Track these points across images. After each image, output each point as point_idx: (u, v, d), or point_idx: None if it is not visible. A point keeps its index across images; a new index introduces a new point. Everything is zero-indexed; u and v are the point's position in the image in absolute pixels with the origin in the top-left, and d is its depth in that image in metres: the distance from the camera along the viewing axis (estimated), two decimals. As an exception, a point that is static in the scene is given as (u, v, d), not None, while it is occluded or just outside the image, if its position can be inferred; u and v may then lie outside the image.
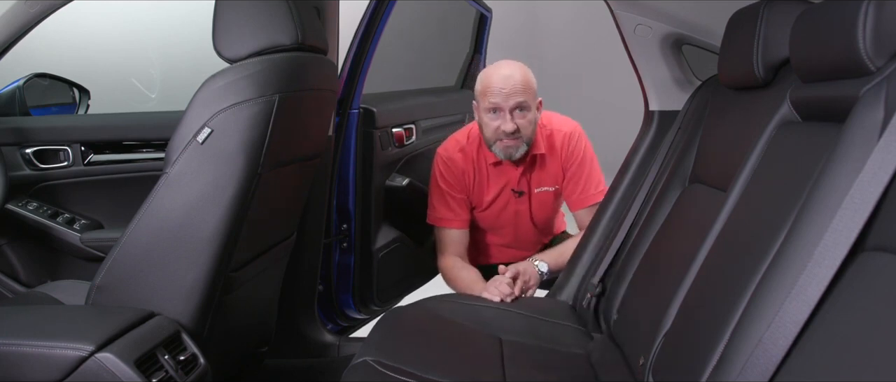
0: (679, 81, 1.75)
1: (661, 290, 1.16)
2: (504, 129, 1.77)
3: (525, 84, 1.77)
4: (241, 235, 1.27)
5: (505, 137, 1.79)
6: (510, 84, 1.75)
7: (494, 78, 1.77)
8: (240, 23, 1.26)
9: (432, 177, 1.98)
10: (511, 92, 1.75)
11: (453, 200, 1.94)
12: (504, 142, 1.80)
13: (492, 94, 1.76)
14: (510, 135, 1.78)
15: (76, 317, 1.23)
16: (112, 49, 3.46)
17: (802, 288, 0.68)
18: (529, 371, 1.30)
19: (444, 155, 1.96)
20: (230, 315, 1.39)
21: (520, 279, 1.75)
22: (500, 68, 1.80)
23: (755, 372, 0.70)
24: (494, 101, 1.76)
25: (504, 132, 1.78)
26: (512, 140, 1.80)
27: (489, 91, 1.77)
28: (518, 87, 1.75)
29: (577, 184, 1.94)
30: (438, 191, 1.96)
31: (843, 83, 0.83)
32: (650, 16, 1.66)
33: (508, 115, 1.76)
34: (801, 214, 0.77)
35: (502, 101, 1.75)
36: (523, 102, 1.77)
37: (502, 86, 1.75)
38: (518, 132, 1.79)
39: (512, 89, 1.75)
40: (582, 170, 1.93)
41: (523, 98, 1.76)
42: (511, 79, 1.76)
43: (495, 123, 1.79)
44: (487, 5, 2.58)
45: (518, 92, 1.75)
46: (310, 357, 1.93)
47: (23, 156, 1.74)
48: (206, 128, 1.19)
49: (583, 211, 1.94)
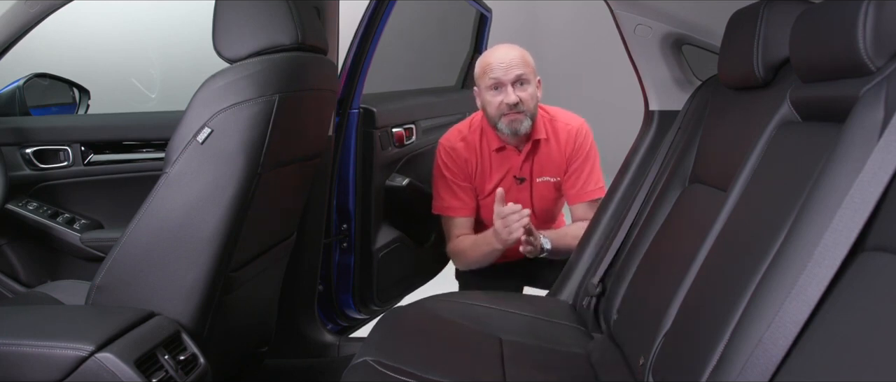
0: (679, 81, 1.75)
1: (661, 290, 1.16)
2: (507, 102, 1.81)
3: (523, 59, 1.84)
4: (241, 235, 1.27)
5: (509, 111, 1.83)
6: (508, 58, 1.82)
7: (493, 56, 1.84)
8: (240, 23, 1.26)
9: (435, 167, 2.01)
10: (510, 65, 1.81)
11: (459, 188, 1.97)
12: (508, 116, 1.84)
13: (492, 70, 1.82)
14: (514, 109, 1.82)
15: (76, 317, 1.23)
16: (112, 49, 3.46)
17: (802, 288, 0.68)
18: (529, 371, 1.30)
19: (446, 144, 1.99)
20: (230, 315, 1.39)
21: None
22: (498, 48, 1.88)
23: (755, 372, 0.70)
24: (495, 76, 1.81)
25: (507, 105, 1.82)
26: (516, 113, 1.83)
27: (489, 68, 1.83)
28: (516, 61, 1.82)
29: (577, 179, 1.96)
30: (443, 180, 1.99)
31: (843, 83, 0.83)
32: (650, 16, 1.66)
33: (510, 88, 1.81)
34: (801, 214, 0.77)
35: (502, 74, 1.81)
36: (523, 75, 1.82)
37: (501, 61, 1.81)
38: (521, 104, 1.82)
39: (510, 63, 1.81)
40: (585, 165, 1.96)
41: (522, 70, 1.82)
42: (509, 54, 1.83)
43: (498, 98, 1.83)
44: (487, 5, 2.58)
45: (517, 65, 1.81)
46: (310, 357, 1.93)
47: (23, 156, 1.73)
48: (206, 128, 1.19)
49: (581, 205, 1.98)
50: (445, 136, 2.02)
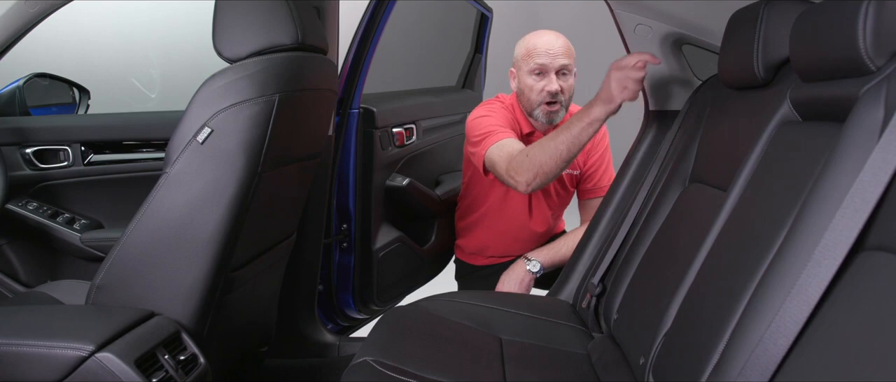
0: (679, 81, 1.75)
1: (661, 290, 1.16)
2: (549, 90, 1.79)
3: (568, 48, 1.81)
4: (241, 235, 1.27)
5: (549, 99, 1.80)
6: (556, 46, 1.79)
7: (540, 41, 1.80)
8: (240, 23, 1.26)
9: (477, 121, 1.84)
10: (557, 53, 1.79)
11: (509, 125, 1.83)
12: (545, 104, 1.82)
13: (537, 55, 1.79)
14: (553, 98, 1.80)
15: (76, 317, 1.23)
16: (112, 49, 3.47)
17: (802, 288, 0.68)
18: (529, 371, 1.30)
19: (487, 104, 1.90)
20: (230, 314, 1.39)
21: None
22: (544, 33, 1.83)
23: (755, 372, 0.70)
24: (541, 62, 1.79)
25: (549, 93, 1.79)
26: (554, 104, 1.81)
27: (535, 52, 1.79)
28: (563, 50, 1.79)
29: (596, 171, 1.98)
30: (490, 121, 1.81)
31: (843, 83, 0.83)
32: (650, 16, 1.66)
33: (554, 76, 1.79)
34: (802, 214, 0.77)
35: (549, 61, 1.78)
36: (567, 65, 1.81)
37: (549, 48, 1.78)
38: (561, 94, 1.81)
39: (558, 50, 1.79)
40: (603, 159, 1.98)
41: (568, 61, 1.80)
42: (556, 42, 1.80)
43: (541, 84, 1.81)
44: (488, 5, 2.58)
45: (563, 54, 1.79)
46: (310, 357, 1.93)
47: (23, 156, 1.74)
48: (207, 128, 1.19)
49: (594, 200, 1.98)
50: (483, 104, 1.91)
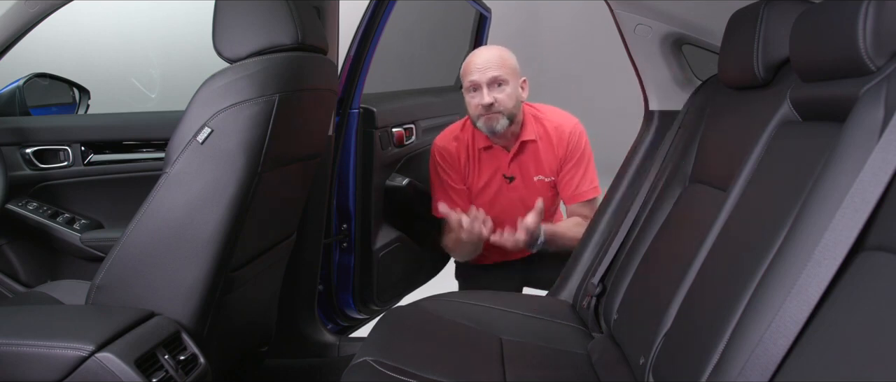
0: (679, 81, 1.75)
1: (661, 290, 1.16)
2: (481, 103, 1.88)
3: (501, 60, 1.89)
4: (241, 235, 1.27)
5: (484, 112, 1.89)
6: (484, 60, 1.89)
7: (473, 59, 1.92)
8: (240, 23, 1.26)
9: (431, 169, 2.08)
10: (485, 67, 1.87)
11: (454, 191, 2.04)
12: (484, 116, 1.90)
13: (470, 73, 1.89)
14: (488, 109, 1.88)
15: (76, 317, 1.23)
16: (112, 49, 3.46)
17: (802, 288, 0.68)
18: (529, 370, 1.30)
19: (439, 144, 2.07)
20: (230, 314, 1.39)
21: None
22: (481, 51, 1.95)
23: (755, 372, 0.70)
24: (473, 78, 1.89)
25: (482, 106, 1.88)
26: (491, 114, 1.89)
27: (467, 70, 1.91)
28: (492, 63, 1.88)
29: (573, 178, 1.99)
30: (439, 181, 2.06)
31: (843, 83, 0.83)
32: (650, 16, 1.66)
33: (485, 89, 1.87)
34: (802, 214, 0.77)
35: (479, 77, 1.88)
36: (498, 76, 1.87)
37: (478, 64, 1.88)
38: (496, 105, 1.88)
39: (485, 65, 1.87)
40: (579, 166, 1.99)
41: (498, 72, 1.87)
42: (485, 56, 1.90)
43: (475, 100, 1.90)
44: (487, 5, 2.58)
45: (492, 67, 1.87)
46: (310, 357, 1.93)
47: (23, 156, 1.73)
48: (207, 128, 1.19)
49: (576, 205, 2.02)
50: (439, 137, 2.09)
